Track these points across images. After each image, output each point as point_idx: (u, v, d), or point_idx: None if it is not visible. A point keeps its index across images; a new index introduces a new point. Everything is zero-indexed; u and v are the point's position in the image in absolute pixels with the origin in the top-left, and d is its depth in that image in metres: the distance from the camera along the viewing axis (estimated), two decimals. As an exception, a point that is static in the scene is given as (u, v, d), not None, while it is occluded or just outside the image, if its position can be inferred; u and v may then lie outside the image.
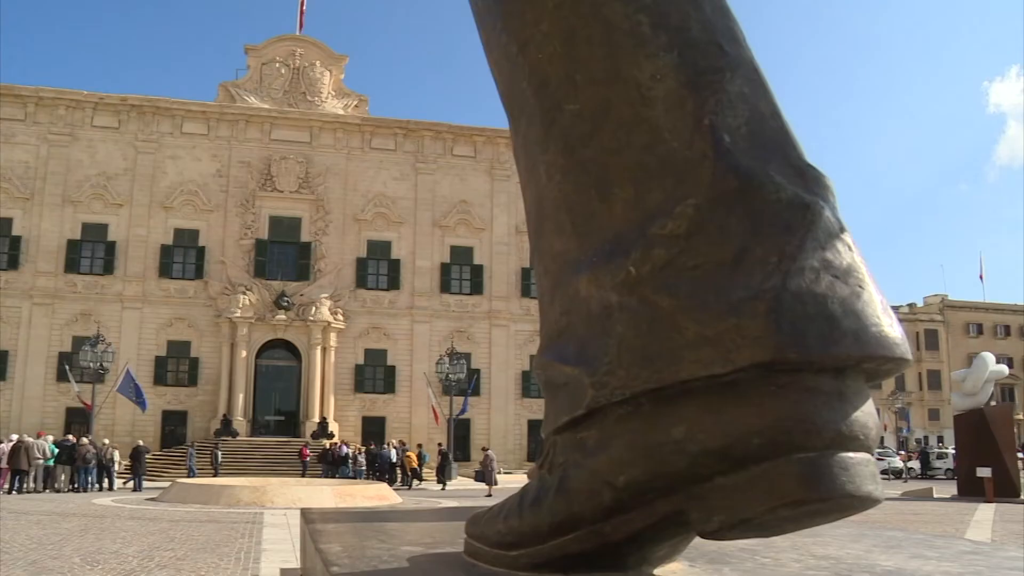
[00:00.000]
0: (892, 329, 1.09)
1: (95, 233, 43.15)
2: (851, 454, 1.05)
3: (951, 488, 27.83)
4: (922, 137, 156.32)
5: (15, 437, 28.74)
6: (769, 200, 1.12)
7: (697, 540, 1.30)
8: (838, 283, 1.08)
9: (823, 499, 1.03)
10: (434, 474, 34.20)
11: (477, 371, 44.00)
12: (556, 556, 1.23)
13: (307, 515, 2.35)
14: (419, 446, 37.78)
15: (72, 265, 42.64)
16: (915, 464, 45.74)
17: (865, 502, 1.06)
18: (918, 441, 65.16)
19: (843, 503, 1.05)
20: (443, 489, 32.07)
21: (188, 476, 30.62)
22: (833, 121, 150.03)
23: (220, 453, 34.12)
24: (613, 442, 1.14)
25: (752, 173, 1.13)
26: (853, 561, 1.49)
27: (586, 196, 1.23)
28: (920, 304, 76.97)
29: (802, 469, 1.02)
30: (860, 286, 1.10)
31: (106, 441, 31.08)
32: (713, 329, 1.06)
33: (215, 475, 31.18)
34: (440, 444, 36.62)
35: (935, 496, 25.52)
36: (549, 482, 1.24)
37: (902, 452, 51.73)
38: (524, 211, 1.43)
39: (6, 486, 26.85)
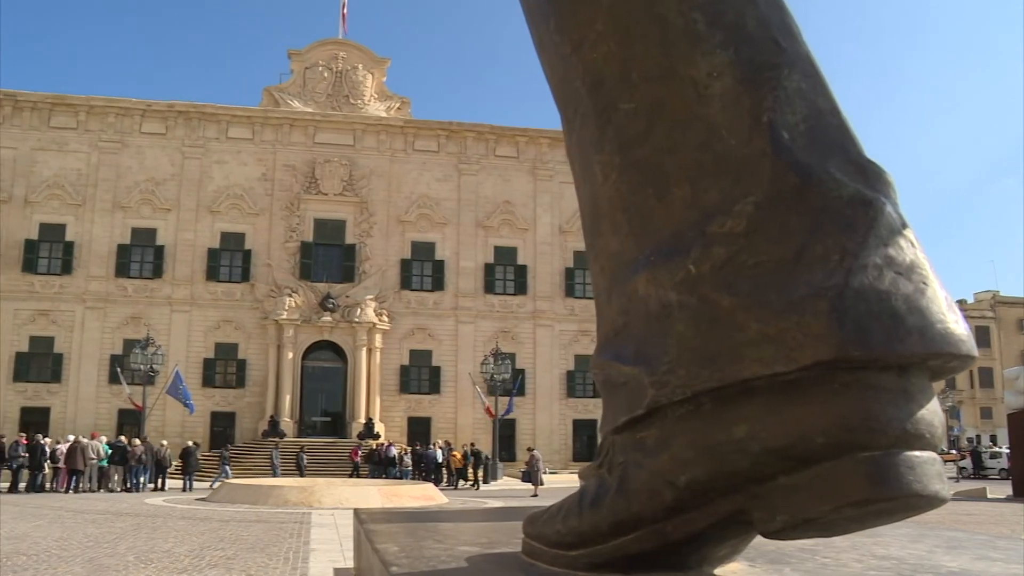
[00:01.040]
0: (958, 326, 1.08)
1: (144, 238, 43.88)
2: (917, 453, 1.04)
3: (1006, 488, 27.26)
4: (969, 130, 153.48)
5: (72, 438, 29.42)
6: (830, 197, 1.11)
7: (756, 540, 1.29)
8: (901, 280, 1.07)
9: (890, 498, 1.01)
10: (472, 474, 34.25)
11: (522, 371, 44.00)
12: (616, 556, 1.22)
13: (360, 515, 2.37)
14: (463, 447, 37.81)
15: (122, 269, 43.39)
16: (967, 463, 44.88)
17: (932, 501, 1.04)
18: (970, 440, 64.00)
19: (910, 502, 1.03)
20: (477, 488, 32.34)
21: (272, 475, 31.18)
22: (877, 114, 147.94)
23: (305, 456, 34.35)
24: (674, 441, 1.13)
25: (812, 170, 1.12)
26: (916, 562, 1.47)
27: (643, 195, 1.23)
28: (971, 301, 75.56)
29: (868, 468, 1.01)
30: (924, 283, 1.09)
31: (164, 443, 31.62)
32: (775, 327, 1.05)
33: (301, 475, 31.53)
34: (472, 443, 36.67)
35: (989, 496, 25.01)
36: (609, 482, 1.23)
37: (953, 451, 50.86)
38: (579, 211, 1.42)
39: (64, 486, 27.51)
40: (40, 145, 43.56)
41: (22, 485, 27.06)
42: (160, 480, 29.89)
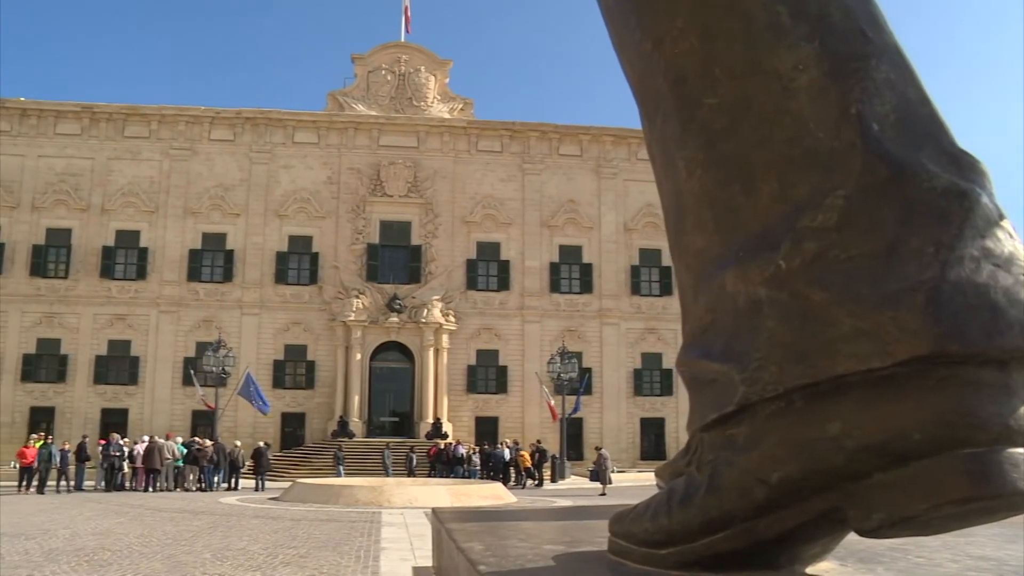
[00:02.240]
0: None
1: (214, 242, 44.78)
2: (1020, 450, 1.01)
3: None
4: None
5: (146, 438, 30.20)
6: (922, 188, 1.09)
7: (846, 539, 1.27)
8: (1000, 272, 1.05)
9: (993, 496, 0.99)
10: (538, 472, 34.39)
11: (588, 370, 43.84)
12: (706, 555, 1.22)
13: (439, 515, 2.39)
14: (530, 446, 37.82)
15: (194, 274, 44.34)
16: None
17: None
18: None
19: (1014, 501, 1.01)
20: (540, 485, 32.43)
21: (385, 475, 31.88)
22: (965, 91, 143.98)
23: (415, 456, 34.79)
24: (765, 439, 1.12)
25: (903, 161, 1.10)
26: (1017, 564, 1.43)
27: (729, 191, 1.22)
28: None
29: (969, 465, 0.99)
30: (1024, 275, 1.06)
31: (237, 443, 32.28)
32: (869, 322, 1.03)
33: (412, 476, 32.10)
34: (538, 441, 36.74)
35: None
36: (698, 480, 1.23)
37: None
38: (662, 208, 1.41)
39: (142, 484, 28.29)
40: (115, 155, 44.78)
41: (102, 483, 28.00)
42: (233, 480, 30.51)
